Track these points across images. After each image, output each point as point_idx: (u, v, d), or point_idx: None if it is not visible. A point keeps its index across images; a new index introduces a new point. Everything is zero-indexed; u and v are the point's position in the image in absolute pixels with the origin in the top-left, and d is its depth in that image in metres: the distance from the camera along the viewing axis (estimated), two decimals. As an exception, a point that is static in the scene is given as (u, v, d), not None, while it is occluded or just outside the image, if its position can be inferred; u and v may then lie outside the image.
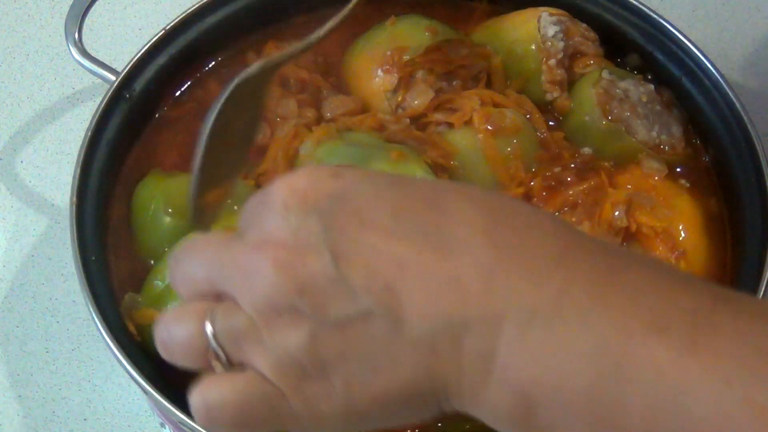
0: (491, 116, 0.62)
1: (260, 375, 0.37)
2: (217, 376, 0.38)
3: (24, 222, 0.78)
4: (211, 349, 0.38)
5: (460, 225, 0.35)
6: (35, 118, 0.84)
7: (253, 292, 0.36)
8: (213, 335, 0.37)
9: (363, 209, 0.36)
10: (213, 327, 0.38)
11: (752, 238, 0.61)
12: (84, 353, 0.71)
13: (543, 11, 0.68)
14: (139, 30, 0.89)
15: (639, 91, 0.66)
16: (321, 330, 0.35)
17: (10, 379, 0.70)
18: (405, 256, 0.35)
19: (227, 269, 0.38)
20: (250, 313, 0.37)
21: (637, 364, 0.32)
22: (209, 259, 0.39)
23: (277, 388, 0.37)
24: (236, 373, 0.38)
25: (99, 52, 0.70)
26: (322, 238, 0.35)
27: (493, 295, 0.34)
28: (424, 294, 0.34)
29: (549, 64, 0.67)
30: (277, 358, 0.36)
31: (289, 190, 0.37)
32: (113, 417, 0.69)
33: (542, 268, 0.34)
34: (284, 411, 0.37)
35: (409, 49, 0.67)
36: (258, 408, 0.37)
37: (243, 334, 0.37)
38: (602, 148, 0.65)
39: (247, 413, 0.37)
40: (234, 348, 0.37)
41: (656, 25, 0.69)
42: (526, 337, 0.34)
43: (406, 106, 0.65)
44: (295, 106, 0.65)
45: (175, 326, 0.39)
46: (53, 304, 0.74)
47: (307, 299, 0.35)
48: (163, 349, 0.40)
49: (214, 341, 0.37)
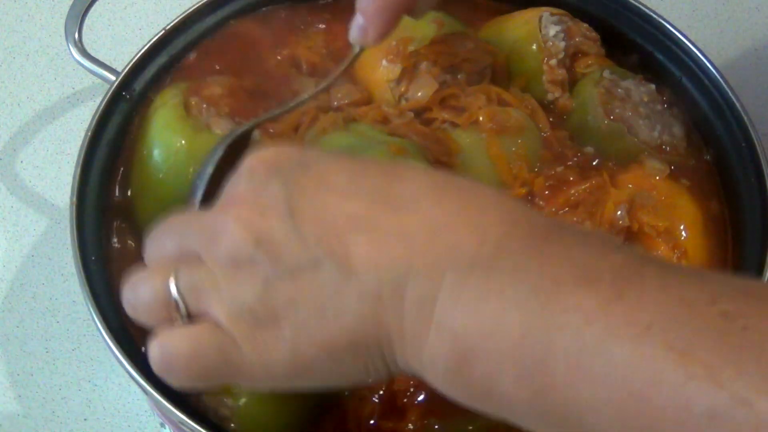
0: (496, 115, 0.62)
1: (215, 324, 0.39)
2: (175, 328, 0.40)
3: (24, 222, 0.78)
4: (173, 301, 0.40)
5: (410, 187, 0.38)
6: (35, 118, 0.84)
7: (215, 246, 0.39)
8: (175, 289, 0.40)
9: (323, 174, 0.39)
10: (176, 282, 0.40)
11: (752, 238, 0.61)
12: (84, 353, 0.71)
13: (544, 11, 0.68)
14: (139, 30, 0.89)
15: (640, 91, 0.66)
16: (274, 279, 0.38)
17: (10, 379, 0.70)
18: (357, 212, 0.37)
19: (194, 231, 0.41)
20: (212, 267, 0.39)
21: (565, 311, 0.33)
22: (180, 229, 0.42)
23: (230, 336, 0.39)
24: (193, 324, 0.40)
25: (99, 52, 0.70)
26: (282, 197, 0.38)
27: (436, 247, 0.36)
28: (372, 245, 0.37)
29: (550, 64, 0.67)
30: (232, 306, 0.39)
31: (256, 159, 0.40)
32: (113, 417, 0.69)
33: (484, 226, 0.36)
34: (236, 359, 0.39)
35: (414, 40, 0.67)
36: (211, 356, 0.39)
37: (203, 286, 0.39)
38: (604, 148, 0.65)
39: (202, 361, 0.39)
40: (194, 300, 0.40)
41: (656, 25, 0.69)
42: (464, 287, 0.35)
43: (410, 96, 0.65)
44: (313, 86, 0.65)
45: (141, 285, 0.42)
46: (53, 304, 0.74)
47: (263, 250, 0.38)
48: (129, 308, 0.42)
49: (177, 295, 0.40)
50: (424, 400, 0.55)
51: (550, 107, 0.67)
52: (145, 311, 0.42)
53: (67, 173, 0.63)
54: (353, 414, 0.55)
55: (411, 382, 0.55)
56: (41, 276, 0.75)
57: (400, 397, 0.55)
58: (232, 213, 0.39)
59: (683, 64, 0.68)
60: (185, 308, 0.40)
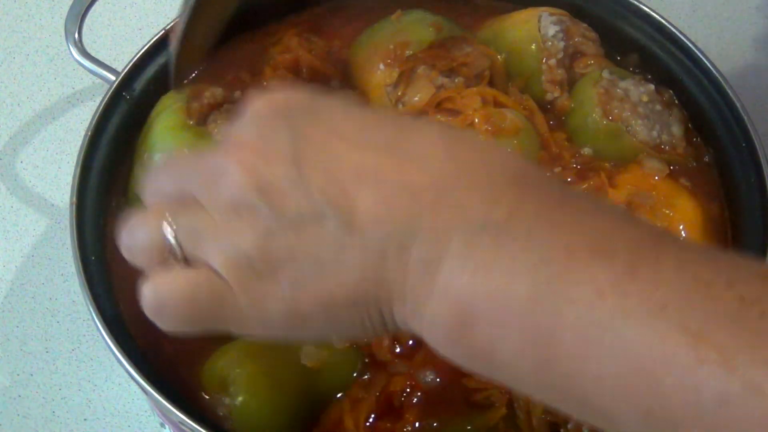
0: (491, 117, 0.62)
1: (213, 270, 0.38)
2: (170, 271, 0.39)
3: (24, 222, 0.78)
4: (169, 245, 0.38)
5: (422, 142, 0.36)
6: (35, 118, 0.84)
7: (215, 190, 0.38)
8: (173, 233, 0.38)
9: (332, 122, 0.37)
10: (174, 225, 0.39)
11: (752, 238, 0.61)
12: (84, 353, 0.71)
13: (543, 11, 0.68)
14: (139, 30, 0.89)
15: (639, 91, 0.66)
16: (275, 228, 0.36)
17: (10, 379, 0.70)
18: (365, 164, 0.36)
19: (196, 173, 0.39)
20: (212, 212, 0.38)
21: (577, 284, 0.33)
22: (180, 170, 0.40)
23: (227, 284, 0.38)
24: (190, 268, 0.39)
25: (99, 52, 0.70)
26: (289, 144, 0.36)
27: (445, 207, 0.35)
28: (378, 200, 0.35)
29: (549, 64, 0.67)
30: (230, 254, 0.37)
31: (264, 101, 0.39)
32: (113, 417, 0.69)
33: (496, 187, 0.35)
34: (231, 307, 0.38)
35: (411, 44, 0.67)
36: (206, 301, 0.38)
37: (202, 232, 0.38)
38: (603, 148, 0.65)
39: (196, 306, 0.38)
40: (191, 245, 0.38)
41: (656, 25, 0.69)
42: (472, 249, 0.34)
43: (406, 101, 0.65)
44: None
45: (138, 228, 0.40)
46: (53, 304, 0.74)
47: (265, 198, 0.36)
48: (126, 252, 0.41)
49: (174, 239, 0.38)
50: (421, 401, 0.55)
51: (548, 107, 0.67)
52: (142, 255, 0.40)
53: (67, 173, 0.63)
54: (351, 414, 0.55)
55: (408, 383, 0.55)
56: (41, 276, 0.75)
57: (397, 397, 0.55)
58: (235, 156, 0.37)
59: (683, 64, 0.68)
60: (181, 253, 0.39)
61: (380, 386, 0.55)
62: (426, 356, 0.55)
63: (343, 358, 0.56)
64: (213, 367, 0.55)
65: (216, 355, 0.55)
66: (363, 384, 0.56)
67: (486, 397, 0.55)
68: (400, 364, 0.56)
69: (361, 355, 0.56)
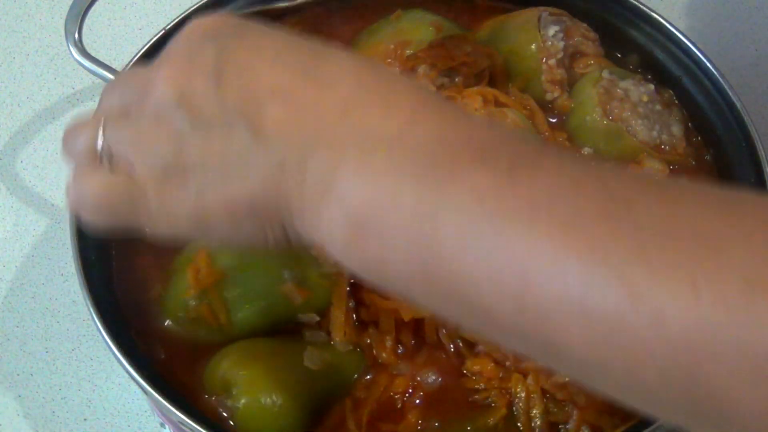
0: (492, 116, 0.62)
1: (130, 174, 0.42)
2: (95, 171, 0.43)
3: (24, 222, 0.78)
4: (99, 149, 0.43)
5: (334, 66, 0.39)
6: (35, 118, 0.84)
7: (143, 101, 0.41)
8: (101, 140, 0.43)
9: (256, 44, 0.40)
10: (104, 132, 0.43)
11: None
12: (84, 353, 0.71)
13: (543, 11, 0.68)
14: (139, 30, 0.89)
15: (639, 91, 0.66)
16: (188, 135, 0.40)
17: (10, 379, 0.70)
18: (279, 83, 0.38)
19: (130, 87, 0.44)
20: (137, 121, 0.42)
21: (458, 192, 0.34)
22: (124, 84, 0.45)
23: (140, 186, 0.42)
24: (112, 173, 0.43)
25: (99, 52, 0.70)
26: (213, 61, 0.40)
27: (346, 124, 0.37)
28: (286, 116, 0.38)
29: (549, 64, 0.67)
30: (146, 159, 0.41)
31: (195, 24, 0.42)
32: (113, 417, 0.69)
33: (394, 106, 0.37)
34: (142, 206, 0.42)
35: (412, 44, 0.67)
36: (119, 200, 0.42)
37: (127, 139, 0.42)
38: (603, 148, 0.65)
39: (110, 203, 0.43)
40: (117, 151, 0.43)
41: (656, 25, 0.69)
42: (365, 161, 0.36)
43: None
44: None
45: (78, 132, 0.45)
46: (53, 304, 0.74)
47: (183, 107, 0.40)
48: (65, 150, 0.46)
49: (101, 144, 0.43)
50: (423, 402, 0.55)
51: (549, 107, 0.67)
52: (76, 156, 0.45)
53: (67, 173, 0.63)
54: (353, 415, 0.55)
55: (410, 384, 0.55)
56: (41, 276, 0.75)
57: (399, 398, 0.55)
58: (163, 72, 0.41)
59: (683, 64, 0.68)
60: (108, 158, 0.43)
61: (382, 387, 0.55)
62: (428, 357, 0.55)
63: (346, 359, 0.56)
64: (215, 369, 0.55)
65: (218, 357, 0.55)
66: (365, 385, 0.56)
67: (486, 397, 0.55)
68: (401, 366, 0.56)
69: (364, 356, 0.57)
